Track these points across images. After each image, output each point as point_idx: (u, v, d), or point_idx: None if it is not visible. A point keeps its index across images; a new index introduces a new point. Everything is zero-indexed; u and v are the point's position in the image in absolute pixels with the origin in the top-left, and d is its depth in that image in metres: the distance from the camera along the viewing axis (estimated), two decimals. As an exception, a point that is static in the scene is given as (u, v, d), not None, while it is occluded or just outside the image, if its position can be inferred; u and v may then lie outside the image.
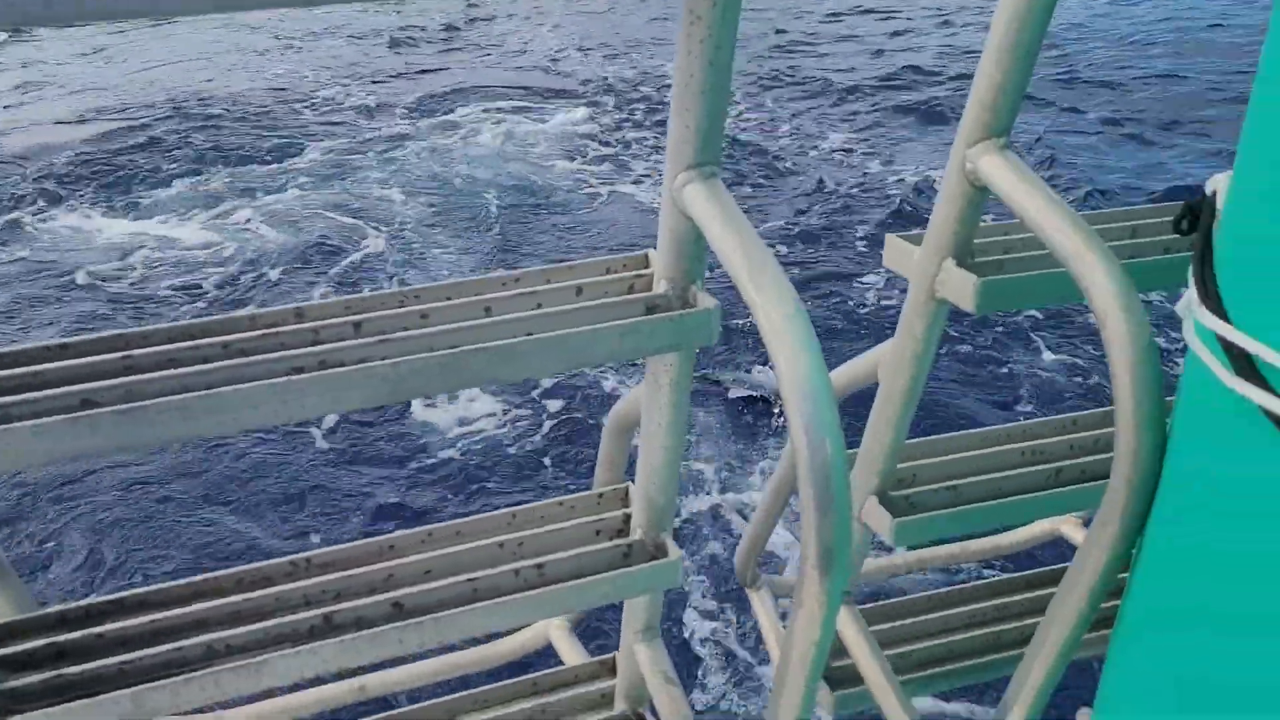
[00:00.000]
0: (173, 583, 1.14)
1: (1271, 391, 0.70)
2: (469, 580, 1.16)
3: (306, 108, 12.02)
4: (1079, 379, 6.13)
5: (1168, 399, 0.94)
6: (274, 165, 10.24)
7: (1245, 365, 0.72)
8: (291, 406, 0.90)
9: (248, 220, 9.01)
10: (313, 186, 9.69)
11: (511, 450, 5.87)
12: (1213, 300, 0.77)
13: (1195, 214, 0.90)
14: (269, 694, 1.62)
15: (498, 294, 1.01)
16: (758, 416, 5.96)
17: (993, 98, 1.03)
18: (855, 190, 8.98)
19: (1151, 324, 0.96)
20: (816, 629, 0.88)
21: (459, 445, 5.95)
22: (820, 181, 9.15)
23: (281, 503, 5.49)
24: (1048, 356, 6.40)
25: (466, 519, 1.24)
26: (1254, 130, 0.76)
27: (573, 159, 10.18)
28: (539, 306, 1.01)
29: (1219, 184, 0.86)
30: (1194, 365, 0.81)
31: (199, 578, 1.15)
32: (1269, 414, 0.70)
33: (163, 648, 1.06)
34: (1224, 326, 0.74)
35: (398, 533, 1.22)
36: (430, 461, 5.81)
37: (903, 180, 9.10)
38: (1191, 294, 0.82)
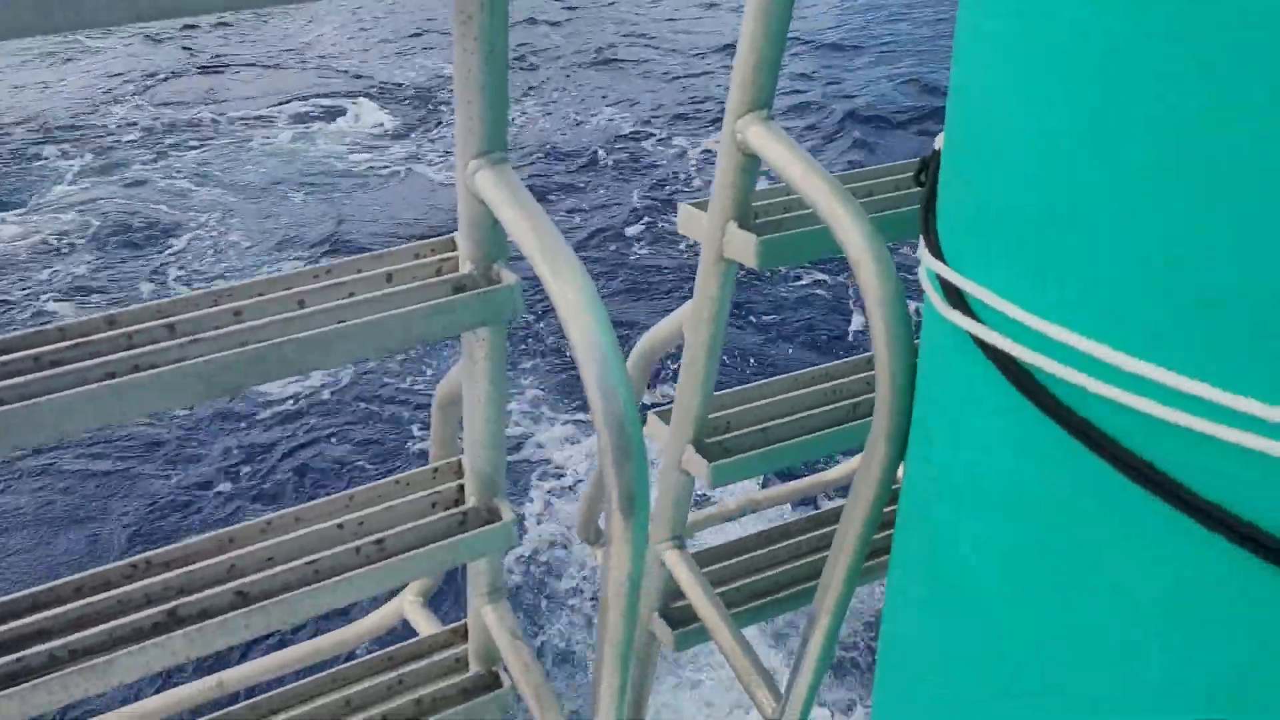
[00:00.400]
0: (7, 597, 1.15)
1: (976, 319, 0.82)
2: (310, 563, 1.21)
3: (91, 113, 11.36)
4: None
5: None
6: (61, 173, 9.77)
7: (956, 298, 0.85)
8: (108, 411, 0.94)
9: (39, 225, 8.61)
10: (104, 190, 9.33)
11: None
12: (933, 243, 0.90)
13: (928, 167, 1.04)
14: (125, 700, 1.63)
15: (310, 286, 1.06)
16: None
17: (753, 75, 1.13)
18: (638, 163, 9.23)
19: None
20: (626, 565, 0.98)
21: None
22: (597, 156, 9.36)
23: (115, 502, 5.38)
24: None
25: (305, 505, 1.28)
26: (954, 94, 0.88)
27: (367, 149, 10.08)
28: (351, 295, 1.07)
29: (940, 140, 0.99)
30: (927, 304, 0.94)
31: (36, 589, 1.16)
32: (976, 340, 0.83)
33: (3, 659, 1.07)
34: (939, 265, 0.86)
35: (237, 525, 1.26)
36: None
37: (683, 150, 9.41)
38: (922, 239, 0.94)
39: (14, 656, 1.08)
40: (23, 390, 0.92)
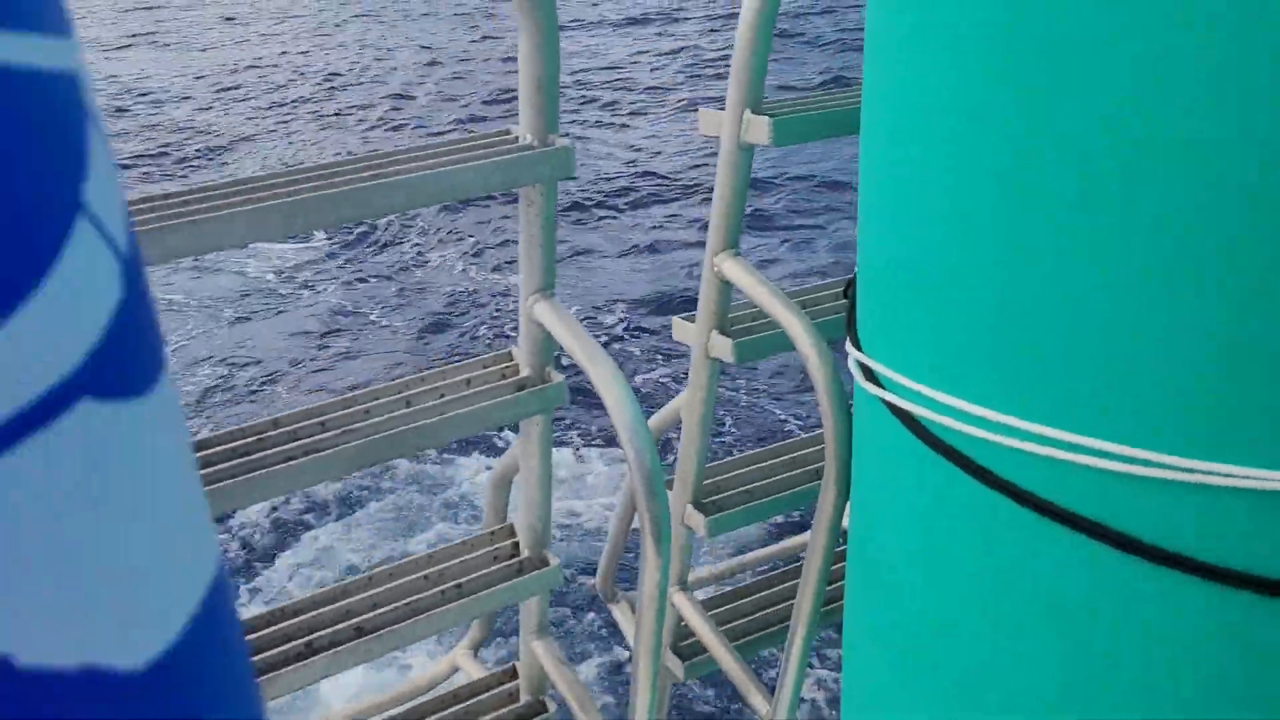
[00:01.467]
0: None
1: (884, 389, 1.23)
2: (408, 604, 1.58)
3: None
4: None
5: None
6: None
7: (871, 376, 1.26)
8: (287, 483, 1.33)
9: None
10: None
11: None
12: (854, 337, 1.31)
13: (851, 284, 1.46)
14: None
15: (413, 391, 1.46)
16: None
17: (723, 223, 1.57)
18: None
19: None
20: (656, 577, 1.36)
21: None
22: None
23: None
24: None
25: (396, 563, 1.66)
26: (863, 225, 1.31)
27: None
28: (442, 396, 1.47)
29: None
30: (856, 385, 1.34)
31: None
32: (886, 404, 1.23)
33: None
34: (858, 354, 1.27)
35: (345, 580, 1.63)
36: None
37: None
38: (847, 335, 1.36)
39: None
40: (245, 465, 1.31)
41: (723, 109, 1.51)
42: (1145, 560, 1.02)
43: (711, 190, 1.59)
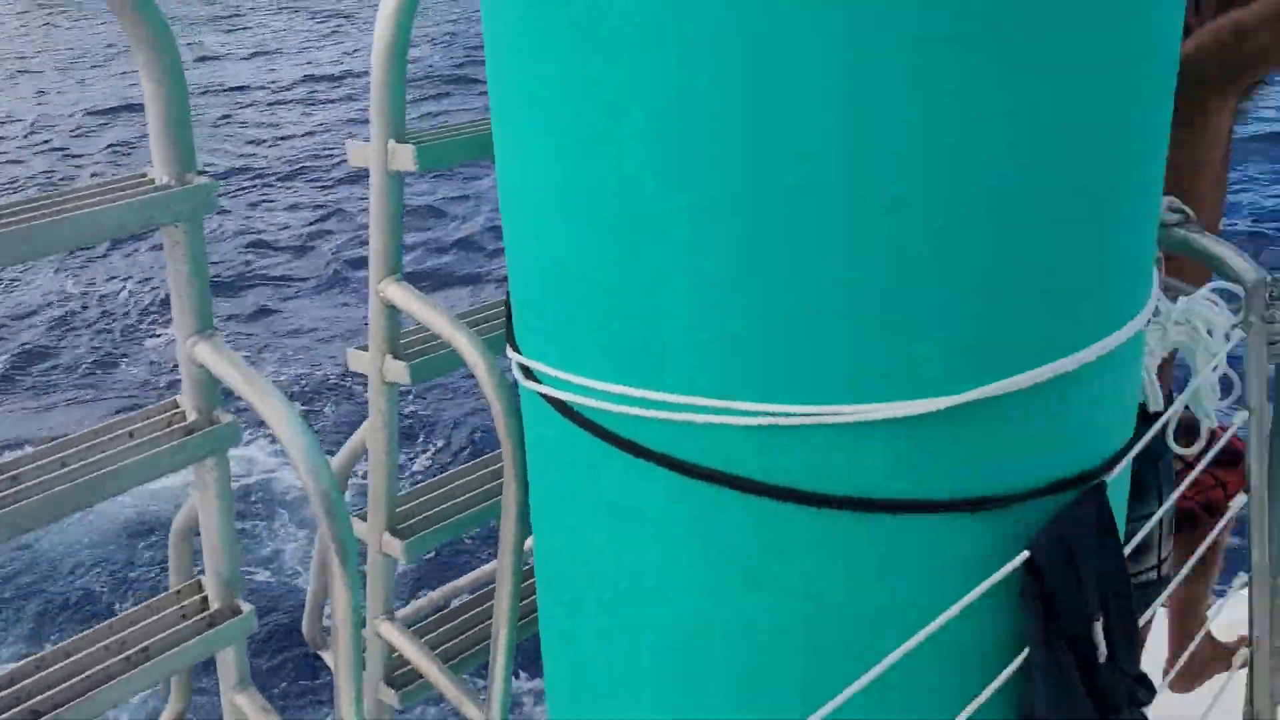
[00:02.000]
0: None
1: (541, 383, 1.34)
2: (88, 677, 1.49)
3: None
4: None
5: None
6: None
7: (530, 374, 1.36)
8: None
9: None
10: None
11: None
12: (514, 343, 1.42)
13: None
14: None
15: (70, 451, 1.40)
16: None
17: (385, 249, 1.63)
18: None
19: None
20: (346, 594, 1.38)
21: None
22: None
23: None
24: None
25: (70, 640, 1.56)
26: (507, 240, 1.41)
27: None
28: (104, 452, 1.41)
29: (513, 280, 1.52)
30: (521, 387, 1.44)
31: None
32: (545, 398, 1.34)
33: None
34: (516, 355, 1.38)
35: (9, 666, 1.51)
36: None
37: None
38: (508, 343, 1.46)
39: None
40: None
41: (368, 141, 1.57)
42: (771, 499, 1.17)
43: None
